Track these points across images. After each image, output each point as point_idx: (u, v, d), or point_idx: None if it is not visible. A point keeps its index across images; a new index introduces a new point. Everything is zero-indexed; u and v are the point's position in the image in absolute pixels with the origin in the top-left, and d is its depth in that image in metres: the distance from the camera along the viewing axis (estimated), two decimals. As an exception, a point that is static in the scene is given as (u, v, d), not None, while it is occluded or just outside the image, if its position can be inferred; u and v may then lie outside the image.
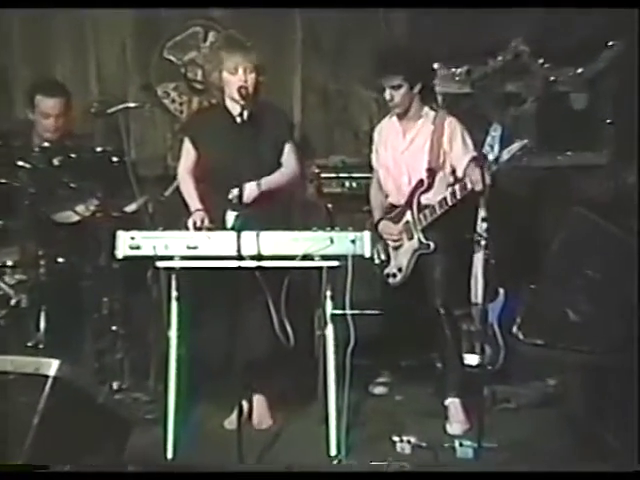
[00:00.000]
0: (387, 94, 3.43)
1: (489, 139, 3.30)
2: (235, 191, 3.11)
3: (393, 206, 3.57)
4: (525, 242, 4.00)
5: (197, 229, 3.18)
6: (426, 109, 3.51)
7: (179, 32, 4.46)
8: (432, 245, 3.42)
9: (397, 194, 3.55)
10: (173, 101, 4.49)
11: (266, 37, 4.25)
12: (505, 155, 3.26)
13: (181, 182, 3.41)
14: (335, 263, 2.97)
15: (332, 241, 2.96)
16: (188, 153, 3.38)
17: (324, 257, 2.96)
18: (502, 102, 4.36)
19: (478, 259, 3.48)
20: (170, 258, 2.95)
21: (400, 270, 3.50)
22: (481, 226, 3.42)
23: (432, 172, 3.44)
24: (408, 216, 3.48)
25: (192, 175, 3.38)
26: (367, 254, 2.98)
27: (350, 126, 4.54)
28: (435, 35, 4.16)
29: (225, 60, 3.24)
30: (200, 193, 3.34)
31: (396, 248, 3.52)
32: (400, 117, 3.53)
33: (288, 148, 3.37)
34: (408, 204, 3.49)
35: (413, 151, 3.49)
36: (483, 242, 3.40)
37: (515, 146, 3.29)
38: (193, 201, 3.33)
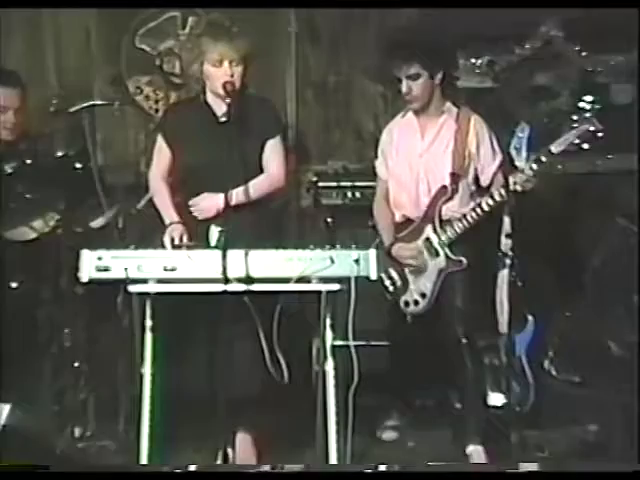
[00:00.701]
0: (403, 86, 3.50)
1: (515, 141, 3.40)
2: (220, 200, 3.20)
3: (408, 220, 3.64)
4: (558, 261, 4.10)
5: (175, 247, 3.26)
6: (448, 104, 3.59)
7: (153, 17, 4.57)
8: (465, 261, 3.49)
9: (413, 205, 3.61)
10: (147, 97, 4.61)
11: (255, 22, 4.33)
12: (557, 147, 3.27)
13: (153, 189, 3.48)
14: (336, 287, 3.04)
15: (332, 261, 3.04)
16: (161, 153, 3.45)
17: (323, 279, 3.03)
18: (530, 97, 4.47)
19: (503, 281, 3.53)
20: (144, 281, 3.01)
21: (424, 296, 3.56)
22: (505, 243, 3.47)
23: (456, 178, 3.52)
24: (429, 231, 3.56)
25: (166, 181, 3.45)
26: (373, 276, 3.05)
27: (353, 125, 4.65)
28: (450, 20, 4.22)
29: (207, 50, 3.31)
30: (176, 204, 3.42)
31: (417, 270, 3.58)
32: (418, 114, 3.59)
33: (271, 145, 3.40)
34: (428, 216, 3.56)
35: (434, 154, 3.57)
36: (508, 261, 3.45)
37: (572, 134, 3.28)
38: (168, 212, 3.39)
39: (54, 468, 2.69)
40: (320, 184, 4.29)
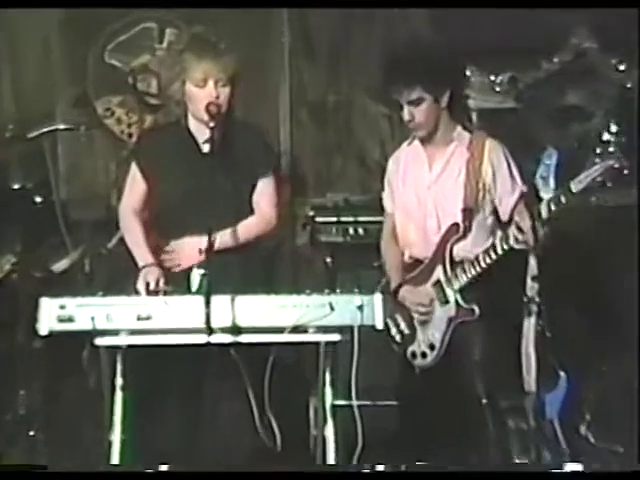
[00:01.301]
0: (405, 113, 3.56)
1: (542, 169, 3.44)
2: (203, 241, 3.22)
3: (417, 261, 3.68)
4: (592, 307, 4.13)
5: (150, 293, 3.29)
6: (459, 129, 3.64)
7: (126, 28, 4.69)
8: (477, 310, 3.53)
9: (422, 244, 3.66)
10: (118, 121, 4.71)
11: (244, 36, 4.45)
12: (577, 185, 3.32)
13: (124, 225, 3.52)
14: (336, 337, 3.07)
15: (332, 308, 3.07)
16: (135, 185, 3.49)
17: (322, 329, 3.07)
18: (559, 119, 4.55)
19: (529, 331, 3.55)
20: (114, 333, 3.05)
21: (432, 348, 3.59)
22: (532, 287, 3.50)
23: (469, 213, 3.57)
24: (439, 273, 3.60)
25: (139, 216, 3.49)
26: (379, 325, 3.09)
27: (355, 152, 4.76)
28: (466, 30, 4.32)
29: (190, 68, 3.38)
30: (152, 243, 3.46)
31: (425, 318, 3.62)
32: (424, 141, 3.66)
33: (263, 184, 3.48)
34: (438, 257, 3.60)
35: (443, 186, 3.62)
36: (535, 308, 3.48)
37: (594, 170, 3.31)
38: (142, 253, 3.42)
39: (51, 468, 2.86)
40: (318, 219, 4.35)
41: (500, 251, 3.49)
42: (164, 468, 3.05)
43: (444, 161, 3.64)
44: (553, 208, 3.36)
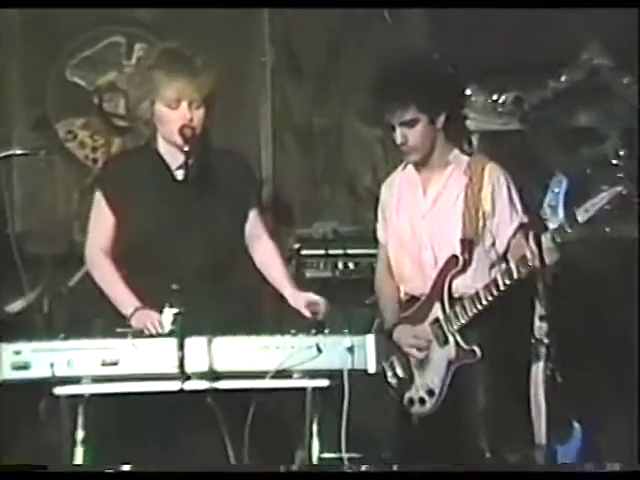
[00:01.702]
0: (397, 135, 3.59)
1: (549, 197, 3.48)
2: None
3: (413, 298, 3.70)
4: (610, 349, 4.14)
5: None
6: (455, 152, 3.67)
7: (90, 43, 4.73)
8: (478, 352, 3.54)
9: (418, 279, 3.68)
10: (82, 144, 4.75)
11: (222, 51, 4.44)
12: (582, 214, 3.34)
13: (93, 265, 3.49)
14: (324, 383, 3.07)
15: (319, 350, 3.08)
16: (102, 217, 3.47)
17: (308, 374, 3.06)
18: (569, 142, 4.59)
19: (538, 376, 3.55)
20: (76, 381, 3.04)
21: (431, 394, 3.60)
22: (540, 327, 3.51)
23: (468, 244, 3.59)
24: (437, 311, 3.62)
25: (109, 255, 3.46)
26: (372, 369, 3.09)
27: (344, 179, 4.81)
28: (465, 45, 4.37)
29: (161, 86, 3.38)
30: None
31: (422, 361, 3.63)
32: (418, 166, 3.68)
33: (255, 216, 3.52)
34: (436, 293, 3.62)
35: (439, 214, 3.65)
36: (543, 350, 3.48)
37: (600, 198, 3.34)
38: (126, 296, 3.37)
39: (52, 468, 2.89)
40: (304, 252, 4.38)
41: (502, 286, 3.51)
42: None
43: (440, 186, 3.67)
44: (558, 240, 3.38)
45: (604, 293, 4.29)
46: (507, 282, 3.50)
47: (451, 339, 3.59)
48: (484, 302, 3.54)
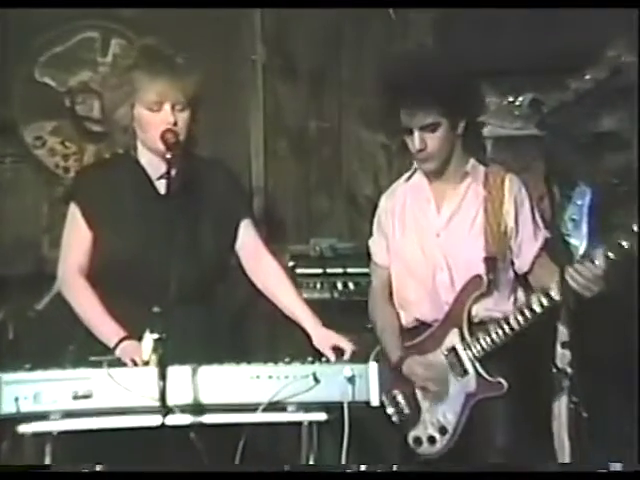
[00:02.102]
0: (416, 140, 3.59)
1: (572, 210, 3.56)
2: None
3: (421, 325, 3.71)
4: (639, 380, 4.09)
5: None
6: (472, 162, 3.70)
7: (62, 38, 4.74)
8: (504, 383, 3.54)
9: (428, 303, 3.68)
10: (52, 152, 4.75)
11: (208, 48, 4.51)
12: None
13: (71, 292, 3.47)
14: (322, 416, 3.07)
15: (316, 379, 3.07)
16: (77, 232, 3.47)
17: (304, 406, 3.06)
18: (593, 149, 4.57)
19: (561, 410, 3.61)
20: (43, 417, 3.02)
21: (443, 432, 3.61)
22: (562, 355, 3.56)
23: (492, 263, 3.60)
24: (454, 338, 3.63)
25: (87, 276, 3.44)
26: (374, 401, 3.08)
27: (344, 189, 4.81)
28: (478, 43, 4.40)
29: (141, 87, 3.38)
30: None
31: (434, 394, 3.63)
32: (431, 177, 3.70)
33: (245, 226, 3.52)
34: (453, 318, 3.62)
35: (456, 232, 3.66)
36: (566, 382, 3.48)
37: None
38: (109, 325, 3.35)
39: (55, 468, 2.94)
40: (299, 271, 4.38)
41: (538, 309, 3.52)
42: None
43: (456, 201, 3.68)
44: (599, 264, 3.37)
45: (634, 318, 4.29)
46: (545, 304, 3.51)
47: (471, 369, 3.60)
48: (515, 327, 3.55)
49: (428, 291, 3.69)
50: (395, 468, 3.35)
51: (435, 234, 3.69)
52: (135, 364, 3.24)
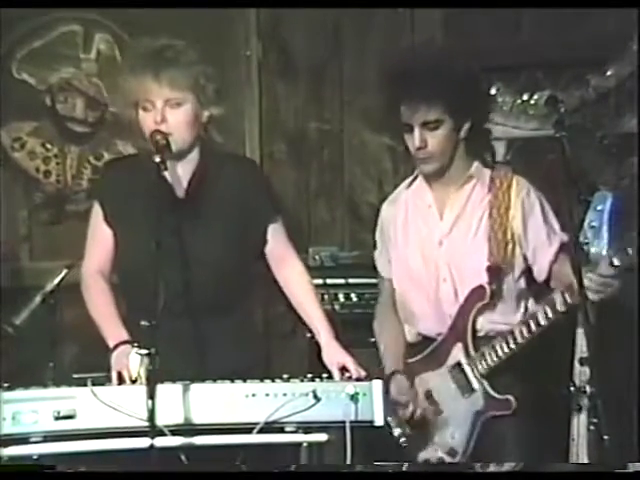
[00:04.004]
0: (416, 137, 3.60)
1: (592, 216, 3.48)
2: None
3: (426, 339, 3.73)
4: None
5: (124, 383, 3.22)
6: (477, 165, 3.72)
7: (41, 32, 4.74)
8: (513, 401, 3.56)
9: (432, 317, 3.70)
10: (32, 154, 4.76)
11: (200, 43, 4.43)
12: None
13: (86, 290, 3.53)
14: (322, 437, 3.10)
15: (317, 397, 3.10)
16: (99, 232, 3.55)
17: (303, 426, 3.08)
18: (614, 151, 4.60)
19: (578, 432, 3.57)
20: (22, 440, 3.04)
21: (453, 454, 3.63)
22: (581, 373, 3.52)
23: (497, 273, 3.61)
24: (458, 353, 3.65)
25: (107, 278, 3.53)
26: (379, 420, 3.12)
27: (346, 195, 4.84)
28: (487, 35, 4.44)
29: (131, 84, 3.42)
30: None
31: (441, 414, 3.66)
32: (431, 181, 3.71)
33: (274, 231, 3.58)
34: (457, 332, 3.64)
35: (459, 240, 3.68)
36: (585, 401, 3.50)
37: None
38: (113, 327, 3.41)
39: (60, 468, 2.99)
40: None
41: (544, 321, 3.53)
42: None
43: (459, 206, 3.70)
44: (616, 263, 3.36)
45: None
46: (550, 315, 3.52)
47: (477, 386, 3.63)
48: (520, 340, 3.56)
49: (431, 303, 3.72)
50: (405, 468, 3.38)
51: (438, 242, 3.72)
52: (121, 379, 3.27)
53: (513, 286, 3.68)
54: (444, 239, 3.71)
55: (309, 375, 3.18)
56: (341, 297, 4.45)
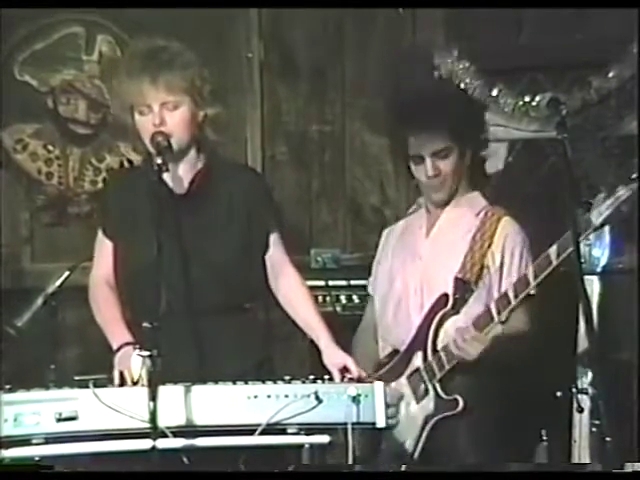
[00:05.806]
0: (428, 166, 3.64)
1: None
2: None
3: (393, 352, 3.77)
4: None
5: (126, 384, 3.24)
6: (475, 194, 3.78)
7: (43, 34, 4.75)
8: (460, 401, 3.59)
9: (402, 330, 3.74)
10: (34, 156, 4.77)
11: (200, 45, 4.38)
12: (597, 217, 3.36)
13: (92, 297, 3.56)
14: (324, 439, 3.10)
15: (319, 399, 3.10)
16: (101, 245, 3.59)
17: (305, 428, 3.08)
18: (618, 154, 4.57)
19: (580, 434, 3.64)
20: (24, 442, 3.04)
21: (403, 457, 3.63)
22: (583, 374, 3.62)
23: (462, 284, 3.65)
24: (417, 361, 3.69)
25: (112, 287, 3.55)
26: (380, 422, 3.11)
27: (347, 198, 4.85)
28: (487, 36, 4.44)
29: (127, 88, 3.41)
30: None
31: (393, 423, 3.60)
32: (434, 208, 3.76)
33: (275, 239, 3.59)
34: (419, 341, 3.67)
35: (438, 253, 3.73)
36: (588, 403, 3.56)
37: (615, 198, 3.37)
38: (116, 329, 3.43)
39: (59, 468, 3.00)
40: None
41: (496, 317, 3.53)
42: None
43: (446, 224, 3.75)
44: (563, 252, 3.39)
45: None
46: (502, 312, 3.53)
47: (430, 390, 3.66)
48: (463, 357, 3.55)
49: (402, 316, 3.76)
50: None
51: (419, 257, 3.77)
52: (123, 380, 3.29)
53: (479, 300, 3.69)
54: (424, 253, 3.77)
55: (311, 377, 3.17)
56: (343, 299, 4.46)
